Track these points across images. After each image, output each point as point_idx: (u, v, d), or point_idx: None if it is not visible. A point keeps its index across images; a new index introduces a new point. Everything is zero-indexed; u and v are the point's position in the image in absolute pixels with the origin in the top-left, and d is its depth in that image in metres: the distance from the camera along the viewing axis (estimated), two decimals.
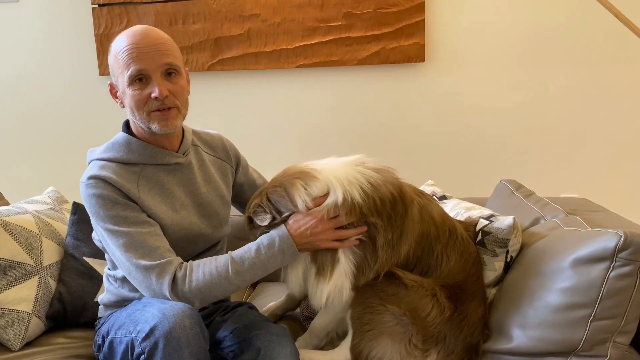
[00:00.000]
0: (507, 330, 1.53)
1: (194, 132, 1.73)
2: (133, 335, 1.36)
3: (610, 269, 1.38)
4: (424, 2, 2.79)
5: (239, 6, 2.91)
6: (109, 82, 1.58)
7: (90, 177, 1.49)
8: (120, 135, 1.59)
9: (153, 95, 1.47)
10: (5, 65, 3.17)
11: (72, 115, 3.17)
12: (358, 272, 1.55)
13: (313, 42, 2.89)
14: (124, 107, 1.56)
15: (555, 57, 2.81)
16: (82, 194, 1.51)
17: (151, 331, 1.32)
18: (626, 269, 1.37)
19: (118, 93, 1.55)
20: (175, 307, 1.36)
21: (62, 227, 2.02)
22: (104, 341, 1.52)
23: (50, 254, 1.90)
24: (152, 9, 2.97)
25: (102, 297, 1.70)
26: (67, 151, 3.20)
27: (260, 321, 1.59)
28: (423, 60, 2.85)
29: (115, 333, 1.45)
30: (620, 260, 1.37)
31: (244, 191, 1.81)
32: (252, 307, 1.72)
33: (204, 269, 1.45)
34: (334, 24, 2.87)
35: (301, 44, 2.90)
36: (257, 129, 3.05)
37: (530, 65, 2.84)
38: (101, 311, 1.70)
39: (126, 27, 2.96)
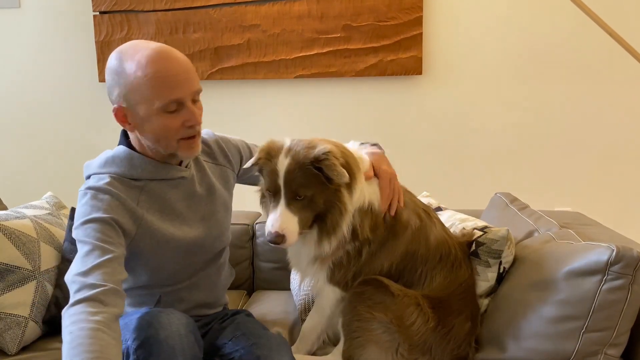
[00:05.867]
0: (500, 340, 1.55)
1: None
2: (129, 343, 1.35)
3: (603, 282, 1.40)
4: (422, 15, 2.83)
5: (239, 16, 2.94)
6: (115, 106, 1.45)
7: (92, 187, 1.44)
8: (122, 149, 1.52)
9: (188, 123, 1.43)
10: (5, 71, 3.18)
11: (72, 121, 3.18)
12: (335, 268, 1.63)
13: (312, 53, 2.92)
14: (133, 131, 1.48)
15: (550, 72, 2.85)
16: (79, 202, 1.45)
17: (146, 339, 1.32)
18: (618, 282, 1.40)
19: (130, 118, 1.45)
20: (171, 315, 1.37)
21: (60, 232, 2.02)
22: None
23: (48, 258, 1.91)
24: (153, 17, 2.99)
25: None
26: (66, 157, 3.20)
27: (259, 329, 1.59)
28: (420, 73, 2.88)
29: None
30: (612, 273, 1.40)
31: (253, 175, 1.76)
32: (250, 315, 1.73)
33: (73, 321, 1.23)
34: (332, 35, 2.90)
35: (300, 54, 2.93)
36: (255, 138, 3.04)
37: (526, 79, 2.87)
38: None
39: (127, 34, 3.02)
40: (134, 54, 1.41)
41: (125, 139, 1.56)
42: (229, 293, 1.86)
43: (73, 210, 2.03)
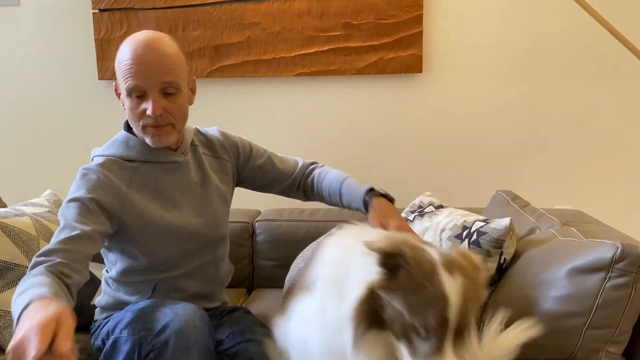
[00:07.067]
0: None
1: (196, 133, 1.76)
2: (142, 333, 1.36)
3: (607, 280, 1.40)
4: (422, 13, 2.82)
5: (239, 14, 2.93)
6: (114, 82, 1.59)
7: (85, 168, 1.55)
8: (121, 133, 1.64)
9: (147, 112, 1.48)
10: (4, 68, 3.17)
11: (71, 119, 3.17)
12: None
13: (312, 51, 2.92)
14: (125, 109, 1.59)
15: (552, 71, 2.85)
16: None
17: (163, 329, 1.33)
18: (622, 279, 1.39)
19: (121, 96, 1.57)
20: (187, 307, 1.38)
21: None
22: (104, 343, 1.51)
23: None
24: (152, 15, 2.98)
25: (99, 299, 1.70)
26: (66, 155, 3.19)
27: (256, 326, 1.60)
28: (420, 71, 2.88)
29: (121, 332, 1.45)
30: (617, 271, 1.39)
31: (259, 177, 1.82)
32: (248, 312, 1.73)
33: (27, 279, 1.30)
34: (332, 33, 2.89)
35: (300, 52, 2.93)
36: (255, 136, 3.04)
37: (526, 77, 2.87)
38: (97, 314, 1.69)
39: (127, 32, 3.01)
40: (128, 38, 1.53)
41: (128, 127, 1.64)
42: (228, 291, 1.86)
43: None
